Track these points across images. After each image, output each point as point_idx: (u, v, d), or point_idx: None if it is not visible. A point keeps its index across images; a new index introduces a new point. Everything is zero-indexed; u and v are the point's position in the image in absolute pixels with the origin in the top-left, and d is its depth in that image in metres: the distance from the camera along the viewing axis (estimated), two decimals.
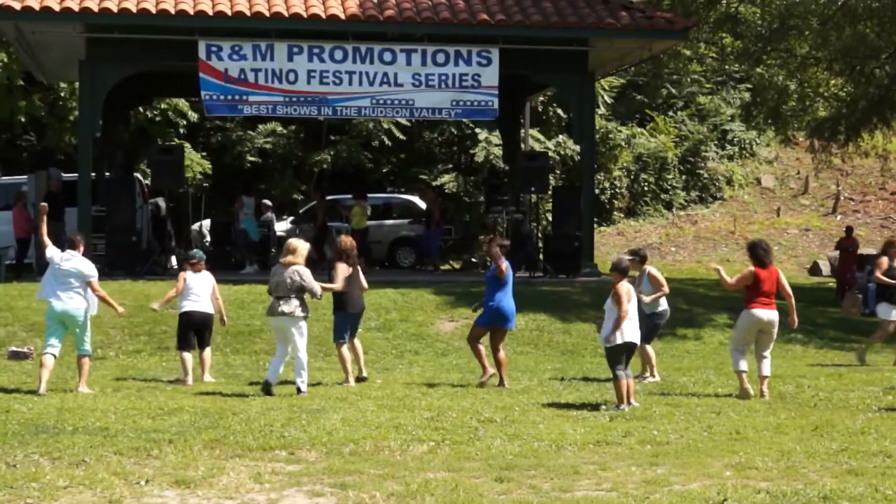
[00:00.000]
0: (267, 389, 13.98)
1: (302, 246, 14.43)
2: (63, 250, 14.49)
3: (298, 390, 13.97)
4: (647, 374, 16.01)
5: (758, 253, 14.50)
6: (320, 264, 26.11)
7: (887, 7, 29.14)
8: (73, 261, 14.32)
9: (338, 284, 15.06)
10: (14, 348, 17.89)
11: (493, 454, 10.22)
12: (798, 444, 10.83)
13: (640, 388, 14.30)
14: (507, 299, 15.23)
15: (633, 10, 24.93)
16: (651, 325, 15.79)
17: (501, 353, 15.32)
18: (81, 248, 14.52)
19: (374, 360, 17.96)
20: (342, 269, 15.14)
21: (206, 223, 29.06)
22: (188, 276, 15.71)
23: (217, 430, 11.18)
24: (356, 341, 15.58)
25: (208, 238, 28.72)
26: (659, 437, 11.16)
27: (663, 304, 16.12)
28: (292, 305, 14.09)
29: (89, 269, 14.36)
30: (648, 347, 15.97)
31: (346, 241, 15.51)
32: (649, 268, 16.08)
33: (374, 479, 9.13)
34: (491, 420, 12.03)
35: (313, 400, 13.44)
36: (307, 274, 14.18)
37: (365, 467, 9.54)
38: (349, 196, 29.67)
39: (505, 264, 15.11)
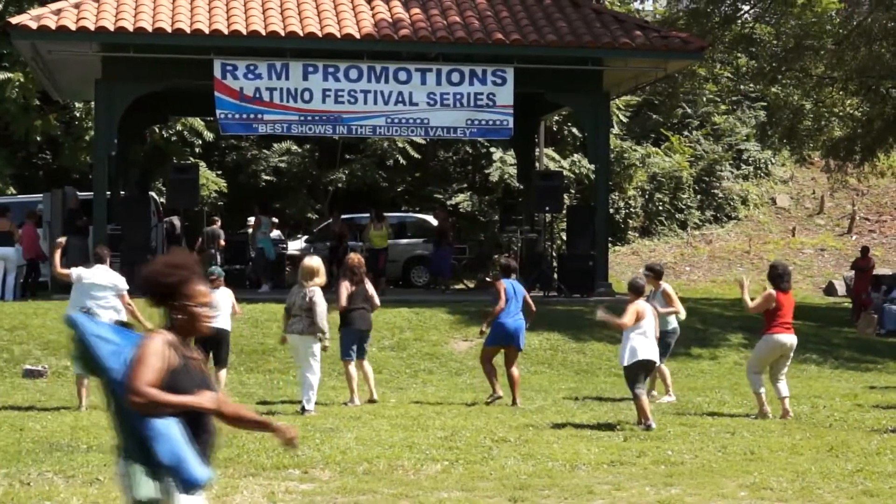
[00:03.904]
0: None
1: (320, 266, 14.46)
2: (89, 266, 14.54)
3: (303, 409, 13.96)
4: (665, 392, 15.97)
5: (773, 276, 14.48)
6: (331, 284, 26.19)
7: None
8: (104, 273, 14.39)
9: (341, 303, 15.11)
10: (28, 366, 17.93)
11: (507, 474, 10.20)
12: (813, 464, 10.80)
13: (653, 407, 14.27)
14: (508, 317, 15.26)
15: (649, 29, 24.96)
16: (662, 344, 15.74)
17: (514, 372, 15.28)
18: (108, 261, 14.60)
19: (388, 380, 17.94)
20: (344, 288, 15.17)
21: (208, 231, 28.76)
22: None
23: (231, 448, 11.17)
24: (365, 363, 15.45)
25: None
26: (673, 457, 11.13)
27: (673, 323, 16.02)
28: (303, 324, 14.11)
29: (122, 281, 14.41)
30: (663, 366, 15.92)
31: (354, 258, 15.57)
32: (664, 285, 16.04)
33: (387, 498, 9.12)
34: (505, 440, 12.01)
35: (326, 419, 13.43)
36: (320, 301, 14.15)
37: (379, 486, 9.53)
38: (365, 215, 29.68)
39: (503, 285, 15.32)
